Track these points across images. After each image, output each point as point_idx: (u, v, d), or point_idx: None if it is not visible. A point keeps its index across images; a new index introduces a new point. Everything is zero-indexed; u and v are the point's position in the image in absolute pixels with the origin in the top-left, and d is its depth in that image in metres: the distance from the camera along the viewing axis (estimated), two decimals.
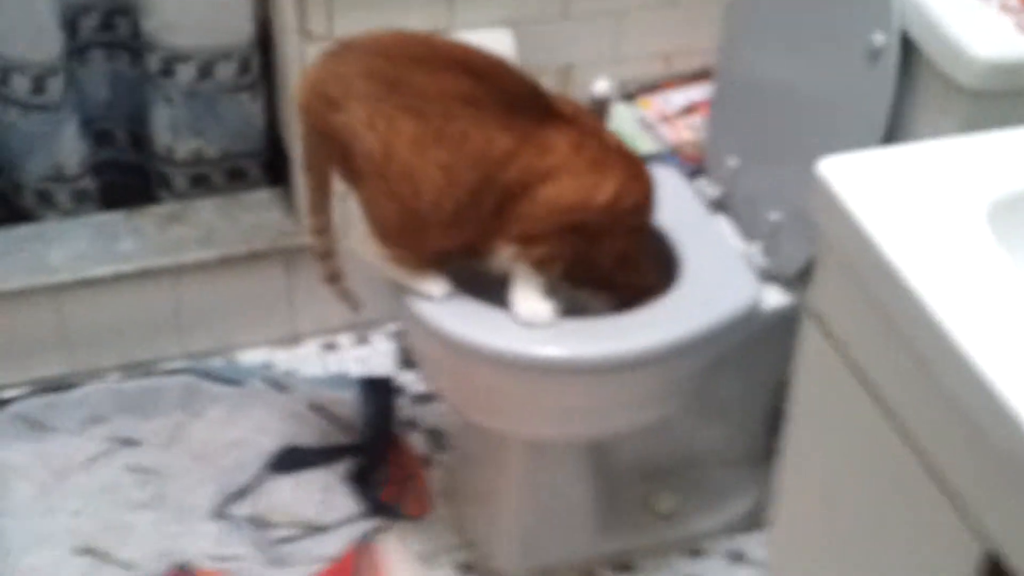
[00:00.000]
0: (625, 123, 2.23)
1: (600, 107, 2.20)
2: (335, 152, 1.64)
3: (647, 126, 2.24)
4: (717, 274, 1.84)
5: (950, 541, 1.11)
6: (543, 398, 1.76)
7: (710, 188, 2.00)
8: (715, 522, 2.10)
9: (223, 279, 2.25)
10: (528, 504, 1.99)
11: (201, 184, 2.30)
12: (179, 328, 2.28)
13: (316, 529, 2.01)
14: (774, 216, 1.84)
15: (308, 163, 1.72)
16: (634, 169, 1.73)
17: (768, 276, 1.86)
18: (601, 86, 2.20)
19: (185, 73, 2.17)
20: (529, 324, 1.69)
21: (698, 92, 2.28)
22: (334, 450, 2.13)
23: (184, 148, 2.25)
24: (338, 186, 1.73)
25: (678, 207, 1.92)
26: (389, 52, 1.63)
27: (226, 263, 2.23)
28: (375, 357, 2.35)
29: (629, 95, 2.30)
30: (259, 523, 2.01)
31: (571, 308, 1.83)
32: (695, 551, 2.07)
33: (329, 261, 1.79)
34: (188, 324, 2.28)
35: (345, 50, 1.64)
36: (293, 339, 2.37)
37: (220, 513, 2.01)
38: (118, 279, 2.19)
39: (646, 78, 2.31)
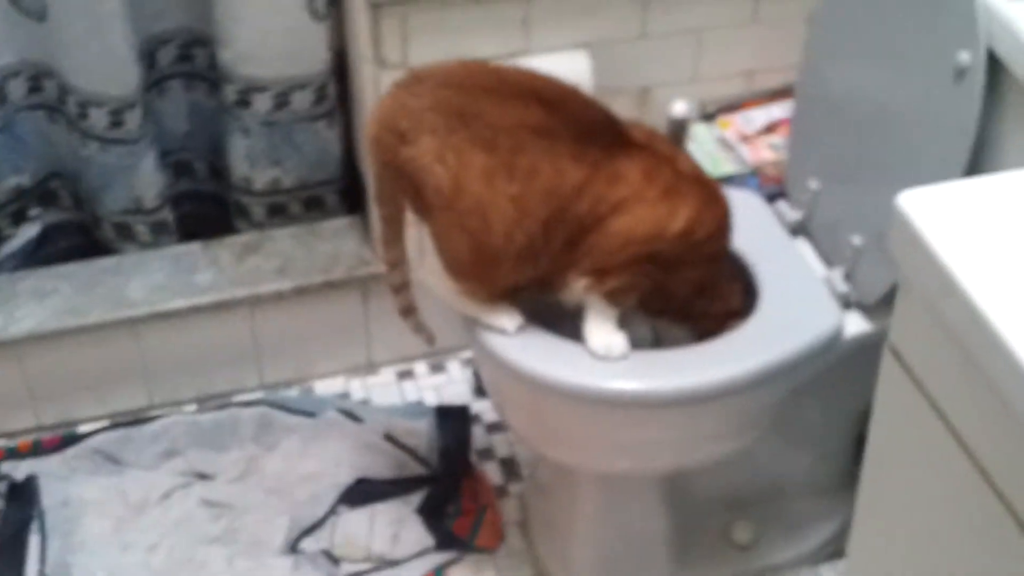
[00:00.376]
0: (704, 144, 2.19)
1: (678, 129, 2.16)
2: (406, 185, 1.62)
3: (727, 146, 2.20)
4: (797, 301, 1.79)
5: None
6: (618, 433, 1.72)
7: (790, 211, 1.95)
8: (796, 553, 2.05)
9: (300, 309, 2.24)
10: (603, 536, 1.96)
11: (278, 213, 2.30)
12: (257, 358, 2.28)
13: (389, 563, 1.98)
14: (856, 240, 1.79)
15: (380, 196, 1.70)
16: (709, 195, 1.69)
17: (849, 302, 1.81)
18: (679, 107, 2.16)
19: (262, 103, 2.16)
20: (604, 357, 1.65)
21: (779, 110, 2.23)
22: (408, 481, 2.11)
23: (261, 178, 2.25)
24: (411, 217, 1.71)
25: (757, 231, 1.88)
26: (459, 84, 1.60)
27: (303, 293, 2.22)
28: (451, 385, 2.34)
29: (709, 115, 2.26)
30: (332, 557, 1.99)
31: (651, 338, 1.81)
32: None
33: (404, 294, 1.77)
34: (266, 354, 2.28)
35: (415, 82, 1.62)
36: (369, 367, 2.36)
37: (293, 548, 2.00)
38: (196, 311, 2.19)
39: (727, 97, 2.27)
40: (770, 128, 2.21)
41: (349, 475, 2.09)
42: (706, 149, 2.19)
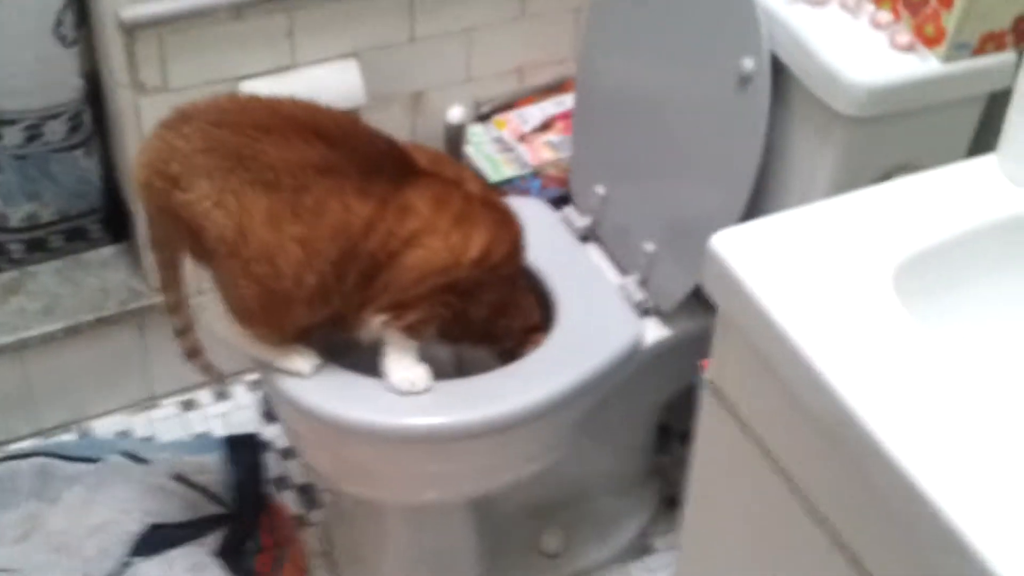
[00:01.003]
0: (482, 146, 2.15)
1: (456, 134, 2.11)
2: (183, 231, 1.52)
3: (505, 147, 2.15)
4: (594, 315, 1.76)
5: None
6: (426, 466, 1.67)
7: (579, 217, 1.92)
8: (604, 554, 2.04)
9: (72, 348, 2.11)
10: (412, 561, 1.92)
11: (39, 248, 2.15)
12: (29, 405, 2.14)
13: None
14: (648, 247, 1.77)
15: (154, 242, 1.59)
16: (501, 217, 1.65)
17: (647, 310, 1.79)
18: (455, 112, 2.11)
19: (12, 136, 2.01)
20: (407, 392, 1.59)
21: (552, 106, 2.20)
22: (202, 522, 1.99)
23: (17, 214, 2.09)
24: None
25: (547, 241, 1.84)
26: (232, 121, 1.50)
27: (73, 332, 2.09)
28: (237, 412, 2.25)
29: (484, 115, 2.21)
30: None
31: (453, 362, 1.76)
32: None
33: (187, 337, 1.68)
34: (38, 400, 2.14)
35: (183, 121, 1.51)
36: (150, 401, 2.25)
37: None
38: None
39: (500, 96, 2.23)
40: (546, 125, 2.18)
41: (140, 522, 1.96)
42: (484, 151, 2.14)
